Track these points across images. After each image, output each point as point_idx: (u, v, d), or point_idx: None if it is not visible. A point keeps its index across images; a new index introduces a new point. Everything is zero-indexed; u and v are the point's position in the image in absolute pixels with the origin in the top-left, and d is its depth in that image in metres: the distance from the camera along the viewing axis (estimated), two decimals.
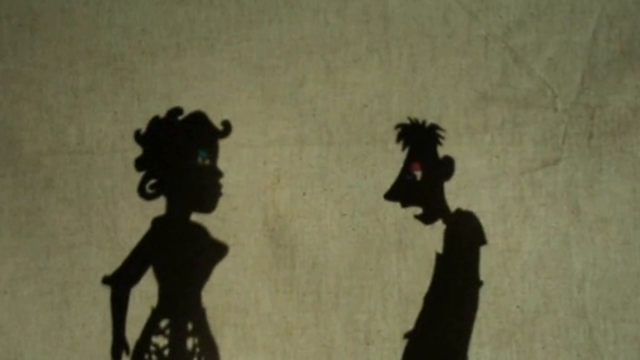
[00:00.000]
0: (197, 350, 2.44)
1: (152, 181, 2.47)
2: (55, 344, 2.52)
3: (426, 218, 2.41)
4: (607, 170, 2.40)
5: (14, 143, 2.53)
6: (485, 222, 2.42)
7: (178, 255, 2.45)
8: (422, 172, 2.40)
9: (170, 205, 2.46)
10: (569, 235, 2.40)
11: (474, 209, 2.42)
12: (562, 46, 2.43)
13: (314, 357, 2.45)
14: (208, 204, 2.46)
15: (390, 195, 2.41)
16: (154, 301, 2.47)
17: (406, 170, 2.41)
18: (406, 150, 2.41)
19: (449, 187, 2.43)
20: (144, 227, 2.49)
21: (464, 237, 2.40)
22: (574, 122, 2.41)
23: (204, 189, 2.47)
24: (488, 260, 2.41)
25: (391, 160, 2.45)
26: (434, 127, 2.41)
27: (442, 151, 2.44)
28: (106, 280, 2.46)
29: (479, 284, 2.38)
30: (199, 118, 2.48)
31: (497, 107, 2.43)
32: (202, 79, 2.51)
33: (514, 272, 2.41)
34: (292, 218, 2.47)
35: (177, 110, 2.45)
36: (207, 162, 2.46)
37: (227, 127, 2.46)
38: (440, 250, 2.39)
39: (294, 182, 2.48)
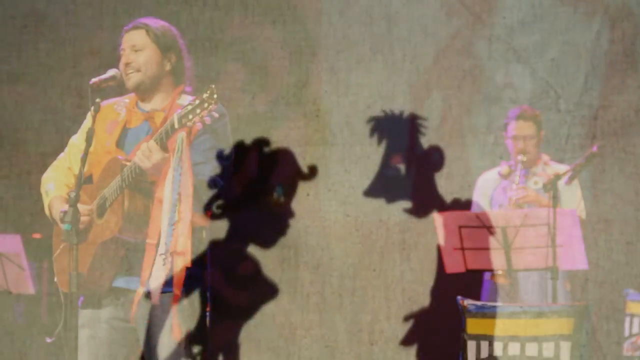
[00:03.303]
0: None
1: (220, 202, 2.35)
2: (60, 345, 2.52)
3: (417, 211, 2.36)
4: (610, 171, 2.40)
5: (18, 144, 2.53)
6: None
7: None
8: (405, 164, 2.33)
9: (230, 231, 2.38)
10: (572, 235, 2.40)
11: None
12: (565, 47, 2.43)
13: (317, 357, 2.45)
14: (268, 240, 2.38)
15: (370, 192, 2.34)
16: None
17: (386, 165, 2.34)
18: (383, 144, 2.30)
19: (452, 187, 2.44)
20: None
21: None
22: (577, 122, 2.41)
23: (269, 224, 2.41)
24: None
25: None
26: (412, 118, 2.35)
27: (446, 152, 2.44)
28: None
29: None
30: (286, 155, 2.41)
31: (501, 108, 2.44)
32: (206, 80, 2.51)
33: (517, 273, 2.41)
34: (296, 219, 2.47)
35: (263, 141, 2.36)
36: (282, 199, 2.39)
37: (312, 171, 2.37)
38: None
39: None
